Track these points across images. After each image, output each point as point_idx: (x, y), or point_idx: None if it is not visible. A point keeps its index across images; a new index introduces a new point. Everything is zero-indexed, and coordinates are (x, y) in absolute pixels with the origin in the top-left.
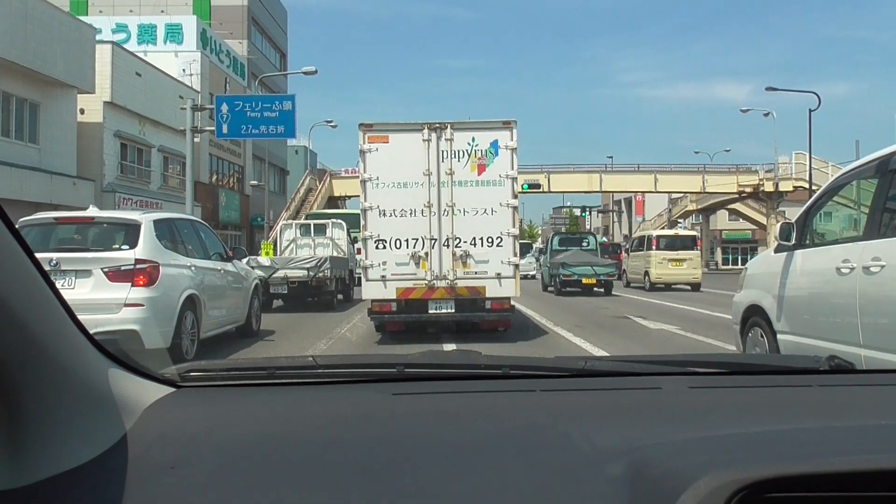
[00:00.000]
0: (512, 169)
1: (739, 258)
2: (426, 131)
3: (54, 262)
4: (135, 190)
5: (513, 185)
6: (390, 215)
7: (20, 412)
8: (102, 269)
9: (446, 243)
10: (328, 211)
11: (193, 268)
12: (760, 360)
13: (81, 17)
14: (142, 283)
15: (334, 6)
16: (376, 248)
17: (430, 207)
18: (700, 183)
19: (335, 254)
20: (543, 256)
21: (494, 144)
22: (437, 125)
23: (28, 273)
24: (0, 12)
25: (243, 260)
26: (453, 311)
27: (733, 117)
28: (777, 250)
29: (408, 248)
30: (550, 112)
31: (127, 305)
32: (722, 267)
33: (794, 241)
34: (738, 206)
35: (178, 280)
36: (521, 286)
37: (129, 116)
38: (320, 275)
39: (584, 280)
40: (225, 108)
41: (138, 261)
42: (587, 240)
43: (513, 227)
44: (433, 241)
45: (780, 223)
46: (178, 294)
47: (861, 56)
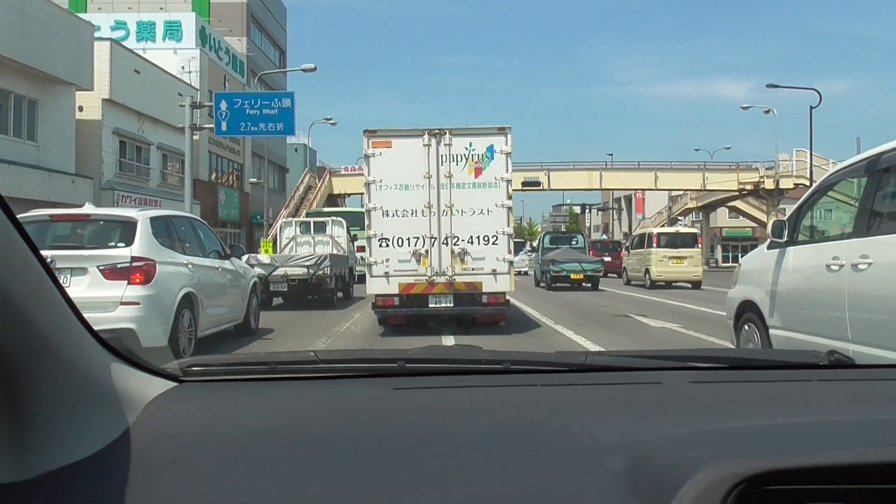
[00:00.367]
0: (507, 172)
1: (739, 255)
2: (426, 137)
3: (49, 259)
4: (134, 188)
5: (507, 187)
6: (393, 215)
7: (23, 406)
8: (98, 266)
9: (445, 242)
10: (329, 209)
11: (190, 265)
12: (760, 354)
13: (80, 15)
14: (138, 280)
15: (334, 3)
16: (380, 246)
17: (430, 208)
18: (701, 180)
19: (335, 251)
20: (536, 254)
21: (490, 149)
22: (437, 131)
23: (32, 268)
24: None
25: (244, 258)
26: (452, 305)
27: (733, 115)
28: (770, 247)
29: (409, 246)
30: (550, 109)
31: (123, 303)
32: (722, 264)
33: (785, 238)
34: (738, 204)
35: (174, 278)
36: (515, 282)
37: (128, 114)
38: (320, 273)
39: (573, 275)
40: (224, 105)
41: (134, 258)
42: (576, 238)
43: (507, 227)
44: (433, 240)
45: (773, 220)
46: (174, 292)
47: (861, 53)
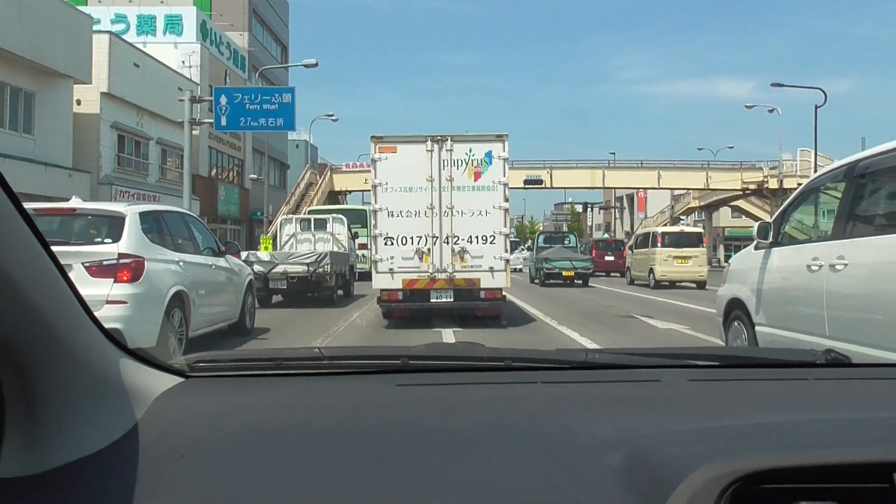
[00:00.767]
0: (504, 176)
1: None
2: (429, 143)
3: None
4: (132, 183)
5: (504, 190)
6: (398, 216)
7: (34, 401)
8: (84, 263)
9: (446, 240)
10: (330, 207)
11: (182, 263)
12: (758, 353)
13: (80, 7)
14: (125, 278)
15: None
16: (385, 244)
17: (432, 209)
18: (704, 179)
19: (336, 249)
20: (531, 252)
21: (489, 155)
22: (439, 137)
23: (42, 263)
24: None
25: (243, 255)
26: (452, 300)
27: (736, 114)
28: (756, 248)
29: (413, 244)
30: (551, 108)
31: (109, 302)
32: (724, 264)
33: (770, 240)
34: (741, 203)
35: (164, 276)
36: (512, 279)
37: (127, 108)
38: (320, 270)
39: (564, 273)
40: (223, 99)
41: (122, 255)
42: (568, 238)
43: (504, 227)
44: (435, 239)
45: (759, 223)
46: (164, 291)
47: (864, 53)
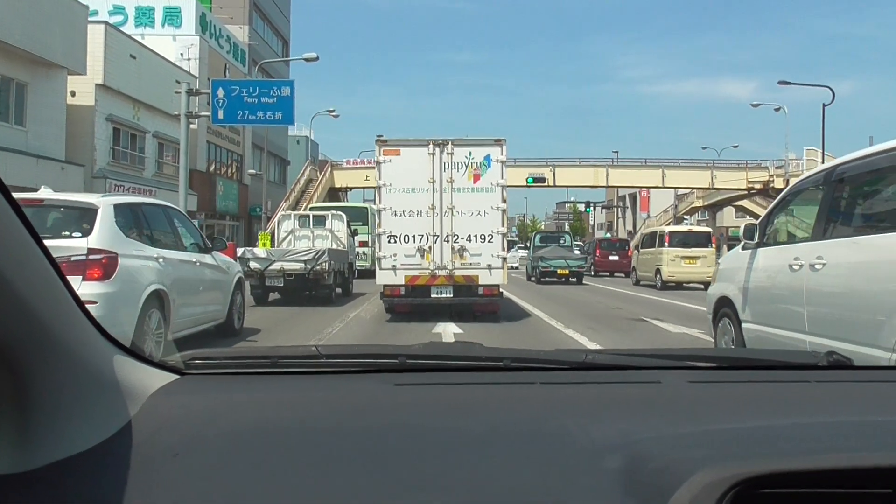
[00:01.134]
0: (502, 178)
1: None
2: (431, 146)
3: None
4: (127, 176)
5: (502, 192)
6: (400, 215)
7: (28, 397)
8: None
9: (446, 239)
10: (330, 204)
11: (162, 260)
12: (759, 354)
13: None
14: (95, 276)
15: None
16: (388, 242)
17: (433, 209)
18: (709, 179)
19: (334, 246)
20: (528, 251)
21: (487, 158)
22: (441, 141)
23: (36, 259)
24: None
25: (239, 251)
26: (451, 295)
27: (739, 114)
28: (744, 248)
29: (414, 242)
30: (554, 107)
31: None
32: None
33: (756, 240)
34: (745, 203)
35: (140, 273)
36: (509, 277)
37: (123, 100)
38: (318, 268)
39: (559, 271)
40: (221, 92)
41: (91, 250)
42: (563, 237)
43: (502, 227)
44: (435, 237)
45: (745, 224)
46: (140, 289)
47: (866, 53)
